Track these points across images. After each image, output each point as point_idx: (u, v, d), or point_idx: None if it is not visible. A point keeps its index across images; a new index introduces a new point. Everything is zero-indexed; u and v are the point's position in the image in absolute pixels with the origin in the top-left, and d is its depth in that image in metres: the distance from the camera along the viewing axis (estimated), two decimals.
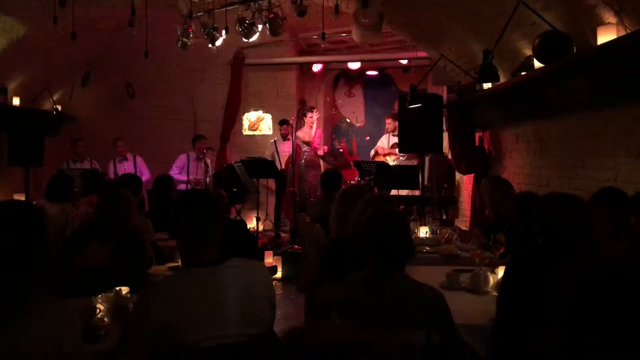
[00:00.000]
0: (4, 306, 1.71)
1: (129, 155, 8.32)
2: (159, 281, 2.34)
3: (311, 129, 8.32)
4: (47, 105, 8.51)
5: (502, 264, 3.15)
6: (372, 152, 8.50)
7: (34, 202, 6.38)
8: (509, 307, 2.26)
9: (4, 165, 7.30)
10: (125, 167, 8.16)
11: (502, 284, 2.44)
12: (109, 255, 2.97)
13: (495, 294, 2.75)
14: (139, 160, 8.38)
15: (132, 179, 4.92)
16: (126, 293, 2.60)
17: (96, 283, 2.74)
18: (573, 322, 1.07)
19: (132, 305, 2.27)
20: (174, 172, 7.89)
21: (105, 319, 2.45)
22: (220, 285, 2.00)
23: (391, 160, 8.11)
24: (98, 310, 2.45)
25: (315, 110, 8.50)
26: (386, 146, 8.30)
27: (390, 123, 8.27)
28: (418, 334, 2.20)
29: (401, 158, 7.98)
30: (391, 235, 2.34)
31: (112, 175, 8.01)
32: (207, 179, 8.17)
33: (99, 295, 2.54)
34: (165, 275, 3.20)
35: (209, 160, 8.41)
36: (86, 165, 8.19)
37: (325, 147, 8.47)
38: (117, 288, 2.60)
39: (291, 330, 0.80)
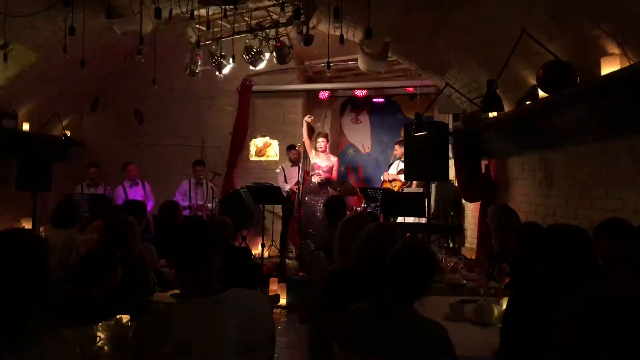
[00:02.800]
0: (2, 335, 1.71)
1: (139, 181, 8.38)
2: (157, 311, 2.33)
3: (324, 153, 8.34)
4: (56, 131, 8.60)
5: (507, 295, 3.11)
6: (382, 177, 8.56)
7: (41, 228, 6.43)
8: (512, 340, 2.23)
9: (12, 190, 7.35)
10: (137, 193, 8.19)
11: (504, 316, 2.41)
12: (112, 283, 2.97)
13: (500, 325, 2.71)
14: (147, 186, 8.44)
15: (137, 206, 4.93)
16: (127, 321, 2.59)
17: (99, 310, 2.73)
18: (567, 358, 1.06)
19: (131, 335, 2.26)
20: (177, 199, 7.93)
21: (106, 348, 2.44)
22: (219, 316, 1.99)
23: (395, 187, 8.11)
24: (98, 339, 2.44)
25: (323, 135, 8.54)
26: (395, 173, 8.30)
27: (397, 149, 8.29)
28: None
29: (403, 184, 7.99)
30: (415, 270, 2.33)
31: (121, 201, 8.00)
32: (213, 205, 8.19)
33: (100, 324, 2.54)
34: (165, 304, 3.19)
35: (212, 185, 8.45)
36: (100, 190, 8.24)
37: (324, 175, 8.35)
38: (118, 316, 2.59)
39: None
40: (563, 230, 2.33)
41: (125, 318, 2.61)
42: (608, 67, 3.64)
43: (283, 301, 6.68)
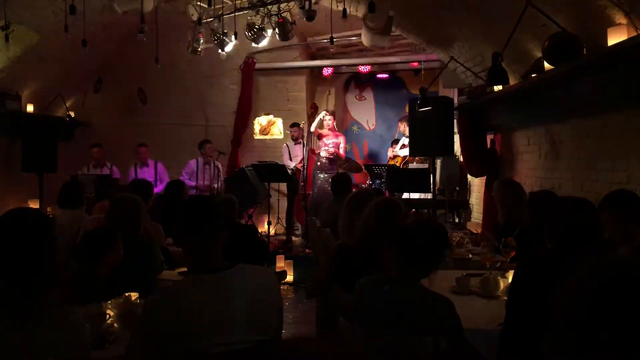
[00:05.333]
0: (14, 313, 1.73)
1: (150, 162, 8.39)
2: (165, 288, 2.35)
3: (331, 131, 8.31)
4: (60, 112, 8.60)
5: (512, 268, 3.12)
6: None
7: (48, 209, 6.47)
8: (518, 312, 2.24)
9: (18, 172, 7.38)
10: (146, 173, 8.21)
11: (510, 288, 2.42)
12: (119, 261, 2.99)
13: (506, 298, 2.73)
14: (160, 167, 8.43)
15: (143, 185, 4.95)
16: (135, 299, 2.61)
17: (106, 289, 2.76)
18: (573, 328, 1.07)
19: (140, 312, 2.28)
20: (184, 178, 7.95)
21: (115, 325, 2.47)
22: (227, 291, 2.00)
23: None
24: (108, 316, 2.47)
25: (330, 112, 8.51)
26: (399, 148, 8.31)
27: (400, 126, 8.31)
28: (426, 342, 2.20)
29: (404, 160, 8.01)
30: (428, 247, 2.34)
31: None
32: (219, 184, 8.20)
33: (109, 301, 2.57)
34: (173, 281, 3.22)
35: (220, 165, 8.45)
36: (105, 171, 8.26)
37: (333, 151, 8.33)
38: (127, 294, 2.61)
39: (283, 342, 0.80)
40: (568, 201, 2.33)
41: (134, 296, 2.63)
42: (615, 38, 3.58)
43: (290, 277, 6.73)
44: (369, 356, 0.76)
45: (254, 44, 6.68)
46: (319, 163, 8.27)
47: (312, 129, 8.32)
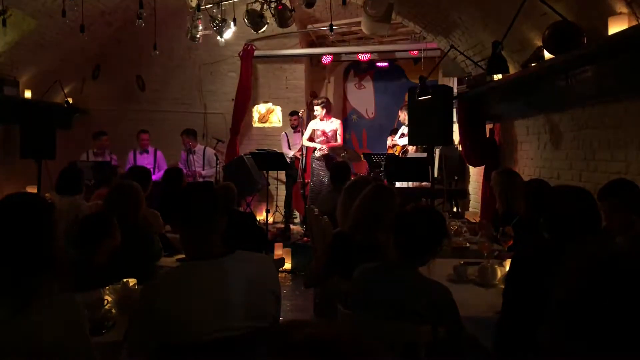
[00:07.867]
0: (14, 299, 1.73)
1: (150, 149, 8.38)
2: (163, 274, 2.35)
3: (321, 121, 8.28)
4: (58, 98, 8.56)
5: (510, 257, 3.13)
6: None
7: (46, 195, 6.45)
8: (514, 301, 2.25)
9: (16, 158, 7.36)
10: (145, 160, 8.19)
11: (507, 277, 2.43)
12: (116, 248, 2.99)
13: (503, 286, 2.74)
14: (159, 154, 8.42)
15: (142, 172, 4.93)
16: (133, 285, 2.62)
17: (104, 275, 2.76)
18: (569, 316, 1.07)
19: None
20: (180, 165, 7.97)
21: (113, 311, 2.48)
22: (225, 278, 2.00)
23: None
24: (106, 302, 2.48)
25: (319, 102, 8.39)
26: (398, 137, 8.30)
27: (401, 115, 8.29)
28: (423, 329, 2.21)
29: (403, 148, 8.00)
30: (425, 233, 2.35)
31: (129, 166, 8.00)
32: (217, 169, 8.20)
33: (107, 287, 2.57)
34: (171, 268, 3.22)
35: (214, 151, 8.44)
36: (105, 158, 8.24)
37: (327, 146, 8.24)
38: (125, 280, 2.62)
39: (279, 326, 0.81)
40: (566, 190, 2.33)
41: (132, 282, 2.64)
42: (616, 27, 3.57)
43: (288, 265, 6.75)
44: (367, 340, 0.76)
45: (253, 31, 6.65)
46: (315, 154, 8.24)
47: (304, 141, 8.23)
